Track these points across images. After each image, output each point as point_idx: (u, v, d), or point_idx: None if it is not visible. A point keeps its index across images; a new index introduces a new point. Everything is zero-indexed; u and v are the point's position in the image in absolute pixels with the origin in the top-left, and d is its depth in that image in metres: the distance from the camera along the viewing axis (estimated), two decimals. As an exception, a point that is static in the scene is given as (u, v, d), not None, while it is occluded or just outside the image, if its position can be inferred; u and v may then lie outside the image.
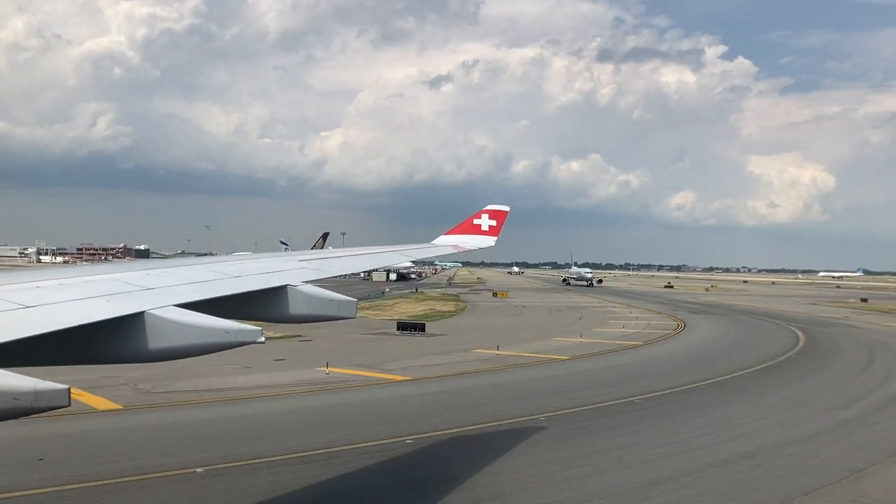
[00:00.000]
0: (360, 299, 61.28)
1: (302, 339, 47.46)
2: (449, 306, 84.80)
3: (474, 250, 15.07)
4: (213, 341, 6.88)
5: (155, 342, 6.58)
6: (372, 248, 14.29)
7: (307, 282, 9.03)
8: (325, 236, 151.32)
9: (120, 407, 24.20)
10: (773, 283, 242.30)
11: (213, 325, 6.85)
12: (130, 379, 28.84)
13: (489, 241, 15.03)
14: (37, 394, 5.13)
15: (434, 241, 14.87)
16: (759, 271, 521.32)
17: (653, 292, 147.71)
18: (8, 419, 5.26)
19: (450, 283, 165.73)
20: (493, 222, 15.07)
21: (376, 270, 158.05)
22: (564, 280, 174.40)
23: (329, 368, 32.66)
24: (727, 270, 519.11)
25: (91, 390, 25.96)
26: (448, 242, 14.65)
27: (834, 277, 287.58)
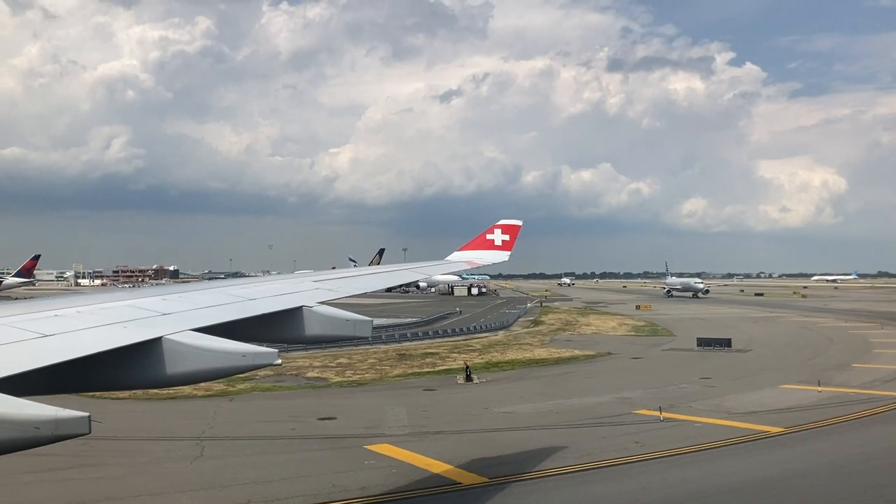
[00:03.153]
0: (520, 317, 73.63)
1: (635, 357, 48.72)
2: (632, 322, 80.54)
3: (488, 265, 15.04)
4: (231, 365, 6.93)
5: (173, 367, 6.63)
6: (387, 266, 14.31)
7: (322, 302, 9.05)
8: (381, 252, 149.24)
9: (784, 430, 24.86)
10: (836, 287, 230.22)
11: (231, 348, 6.90)
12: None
13: (503, 255, 14.98)
14: (57, 422, 5.16)
15: (448, 258, 14.86)
16: (780, 276, 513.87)
17: (763, 301, 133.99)
18: (29, 448, 5.30)
19: (546, 297, 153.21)
20: (506, 237, 15.04)
21: (457, 286, 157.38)
22: (667, 291, 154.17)
23: (821, 387, 32.92)
24: (747, 276, 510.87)
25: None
26: (462, 258, 14.63)
27: (828, 281, 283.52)
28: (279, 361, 7.07)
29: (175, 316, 7.58)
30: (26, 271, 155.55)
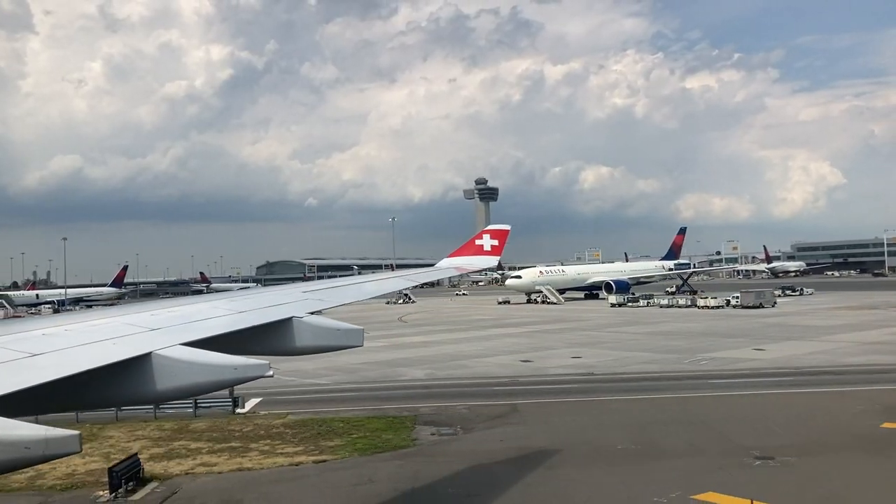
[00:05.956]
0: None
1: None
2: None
3: (478, 271, 15.07)
4: (222, 378, 6.90)
5: (163, 382, 6.59)
6: (377, 275, 14.30)
7: (312, 313, 9.03)
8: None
9: None
10: None
11: (221, 361, 6.87)
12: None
13: (492, 260, 15.02)
14: (47, 442, 5.12)
15: (438, 265, 14.87)
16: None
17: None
18: (19, 469, 5.26)
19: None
20: (495, 242, 15.06)
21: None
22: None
23: None
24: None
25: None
26: (451, 265, 14.65)
27: None
28: (271, 373, 7.04)
29: (164, 331, 7.54)
30: (119, 281, 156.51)
